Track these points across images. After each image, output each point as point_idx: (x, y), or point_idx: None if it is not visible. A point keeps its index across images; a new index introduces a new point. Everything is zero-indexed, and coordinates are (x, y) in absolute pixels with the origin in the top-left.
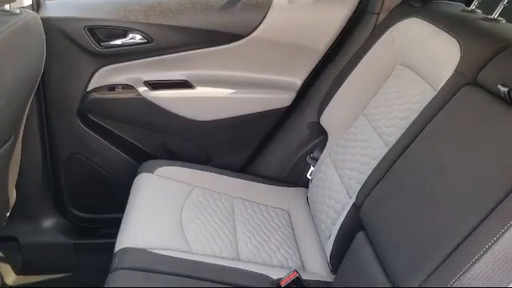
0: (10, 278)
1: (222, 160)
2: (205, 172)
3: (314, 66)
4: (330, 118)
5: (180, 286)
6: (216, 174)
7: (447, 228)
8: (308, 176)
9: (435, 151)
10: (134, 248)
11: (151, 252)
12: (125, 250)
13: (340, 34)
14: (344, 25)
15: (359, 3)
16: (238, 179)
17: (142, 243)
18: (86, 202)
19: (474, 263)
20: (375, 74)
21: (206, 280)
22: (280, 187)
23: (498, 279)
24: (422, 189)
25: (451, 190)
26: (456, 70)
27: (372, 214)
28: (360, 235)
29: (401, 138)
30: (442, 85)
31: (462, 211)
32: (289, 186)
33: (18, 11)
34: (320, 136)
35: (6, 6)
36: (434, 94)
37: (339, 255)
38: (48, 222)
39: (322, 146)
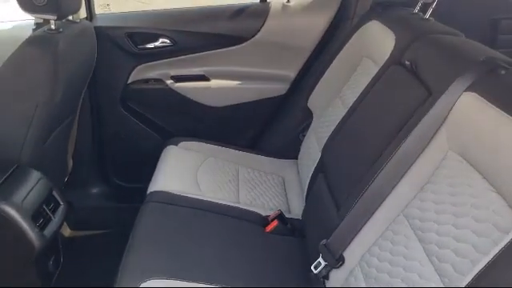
0: (66, 232)
1: (232, 139)
2: (217, 146)
3: (304, 61)
4: (314, 102)
5: (192, 216)
6: (226, 149)
7: (366, 154)
8: None
9: (367, 110)
10: (160, 191)
11: (173, 193)
12: (154, 192)
13: (323, 35)
14: (326, 28)
15: (338, 11)
16: (243, 152)
17: (166, 188)
18: (125, 172)
19: (379, 173)
20: (348, 65)
21: (211, 212)
22: (278, 159)
23: (395, 176)
24: (358, 135)
25: (371, 134)
26: (390, 55)
27: (329, 158)
28: (320, 175)
29: (353, 105)
30: None
31: (375, 145)
32: (285, 159)
33: (78, 20)
34: (310, 118)
35: (70, 17)
36: None
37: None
38: (95, 189)
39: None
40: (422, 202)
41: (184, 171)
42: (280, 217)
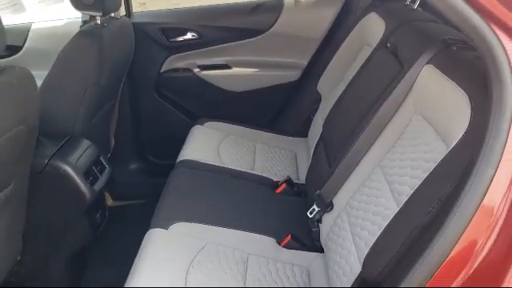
0: (109, 201)
1: (250, 120)
2: (238, 126)
3: (314, 50)
4: (323, 86)
5: (213, 178)
6: (246, 128)
7: (352, 121)
8: None
9: (358, 86)
10: (187, 159)
11: (198, 161)
12: (182, 160)
13: (331, 26)
14: (334, 20)
15: (343, 5)
16: (260, 131)
17: (192, 158)
18: (159, 150)
19: (361, 134)
20: (351, 53)
21: (229, 175)
22: (292, 137)
23: (373, 136)
24: (349, 107)
25: (358, 104)
26: (380, 41)
27: (327, 129)
28: (320, 143)
29: (348, 84)
30: None
31: (359, 113)
32: (298, 137)
33: (118, 17)
34: (319, 100)
35: (112, 14)
36: None
37: None
38: (133, 165)
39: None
40: (392, 155)
41: (208, 145)
42: (288, 181)
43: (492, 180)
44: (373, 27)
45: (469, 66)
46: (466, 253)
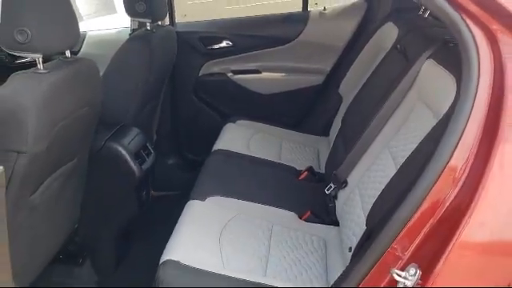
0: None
1: (278, 119)
2: (266, 125)
3: (337, 57)
4: (344, 89)
5: (243, 164)
6: (273, 127)
7: (366, 110)
8: None
9: (372, 83)
10: (221, 149)
11: (230, 150)
12: (216, 150)
13: (352, 35)
14: (355, 30)
15: (363, 16)
16: (286, 130)
17: (225, 148)
18: (195, 148)
19: (372, 121)
20: (369, 58)
21: (257, 163)
22: (315, 136)
23: (382, 122)
24: (364, 100)
25: (370, 96)
26: (393, 44)
27: (344, 122)
28: (339, 135)
29: (365, 82)
30: None
31: (371, 103)
32: (320, 136)
33: (164, 26)
34: (341, 102)
35: (159, 22)
36: None
37: None
38: (171, 161)
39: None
40: (398, 136)
41: (239, 139)
42: (310, 169)
43: (459, 140)
44: (387, 34)
45: (459, 56)
46: (437, 200)
